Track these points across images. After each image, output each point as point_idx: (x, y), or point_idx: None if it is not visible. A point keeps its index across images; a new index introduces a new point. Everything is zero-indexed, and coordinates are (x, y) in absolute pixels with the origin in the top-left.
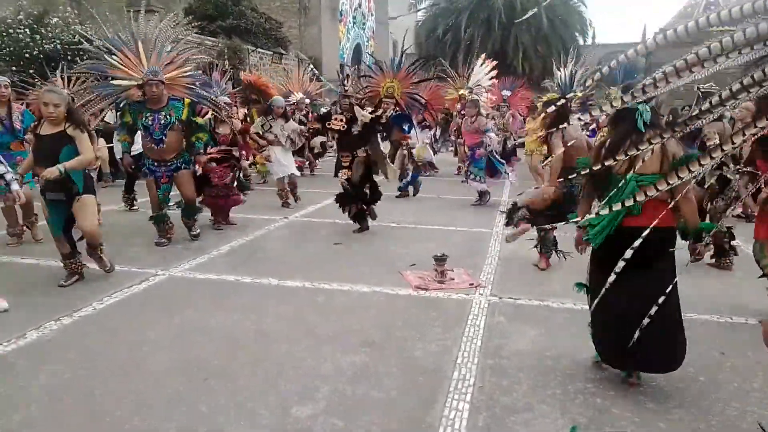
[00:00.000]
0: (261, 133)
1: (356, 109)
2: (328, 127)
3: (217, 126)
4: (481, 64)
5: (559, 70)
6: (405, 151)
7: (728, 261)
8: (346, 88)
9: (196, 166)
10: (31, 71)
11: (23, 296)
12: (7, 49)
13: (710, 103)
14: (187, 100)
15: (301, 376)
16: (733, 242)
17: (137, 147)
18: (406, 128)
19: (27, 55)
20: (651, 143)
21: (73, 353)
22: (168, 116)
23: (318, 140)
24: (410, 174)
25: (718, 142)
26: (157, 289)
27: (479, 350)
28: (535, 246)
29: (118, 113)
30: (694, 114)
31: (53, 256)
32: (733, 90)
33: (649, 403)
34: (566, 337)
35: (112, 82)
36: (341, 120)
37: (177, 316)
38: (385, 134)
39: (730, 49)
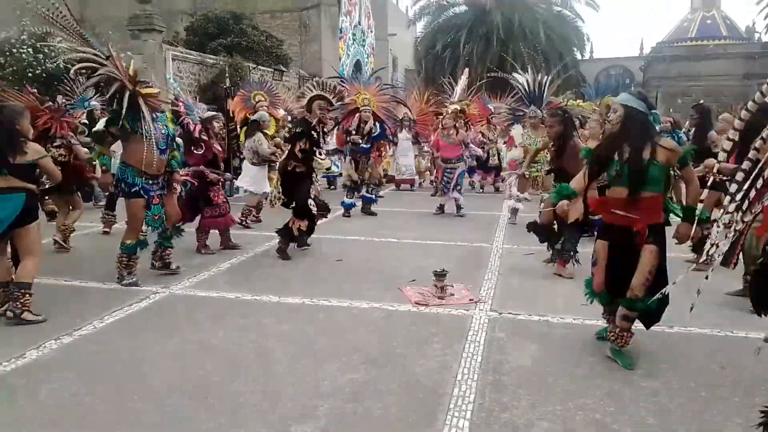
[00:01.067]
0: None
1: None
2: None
3: (212, 141)
4: (463, 79)
5: (521, 75)
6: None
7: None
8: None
9: (176, 185)
10: (34, 90)
11: None
12: (11, 69)
13: None
14: (169, 115)
15: (301, 394)
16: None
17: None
18: (388, 136)
19: (30, 74)
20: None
21: (73, 372)
22: (165, 126)
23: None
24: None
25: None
26: (157, 306)
27: (479, 366)
28: (549, 259)
29: (108, 120)
30: None
31: (53, 274)
32: None
33: (651, 418)
34: (566, 352)
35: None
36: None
37: (177, 334)
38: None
39: None
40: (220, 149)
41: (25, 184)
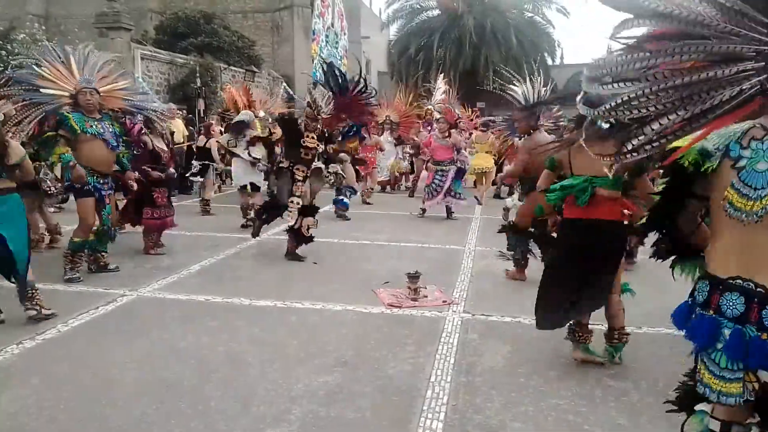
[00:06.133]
0: (227, 149)
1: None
2: (303, 145)
3: (155, 141)
4: (439, 82)
5: (519, 84)
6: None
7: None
8: (321, 108)
9: (132, 183)
10: None
11: None
12: None
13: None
14: (113, 116)
15: (274, 398)
16: None
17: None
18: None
19: None
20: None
21: (37, 378)
22: (112, 125)
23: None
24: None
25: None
26: (125, 310)
27: (452, 368)
28: (508, 258)
29: (57, 122)
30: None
31: None
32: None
33: (621, 419)
34: (538, 353)
35: (43, 91)
36: (313, 138)
37: (145, 337)
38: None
39: None
40: (165, 148)
41: (13, 184)
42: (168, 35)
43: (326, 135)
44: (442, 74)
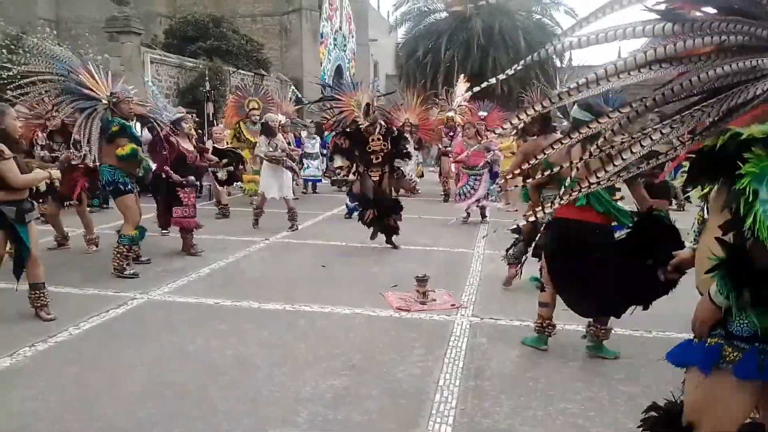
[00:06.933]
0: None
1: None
2: (368, 150)
3: (181, 143)
4: (460, 85)
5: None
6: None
7: None
8: (368, 116)
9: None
10: (8, 91)
11: None
12: None
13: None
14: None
15: (282, 401)
16: None
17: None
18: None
19: (4, 76)
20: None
21: (47, 380)
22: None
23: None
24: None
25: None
26: (135, 313)
27: (461, 372)
28: (504, 258)
29: (110, 125)
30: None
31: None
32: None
33: (630, 422)
34: (547, 357)
35: (87, 92)
36: (380, 139)
37: (155, 340)
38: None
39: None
40: (191, 149)
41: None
42: (177, 39)
43: (392, 132)
44: (463, 75)
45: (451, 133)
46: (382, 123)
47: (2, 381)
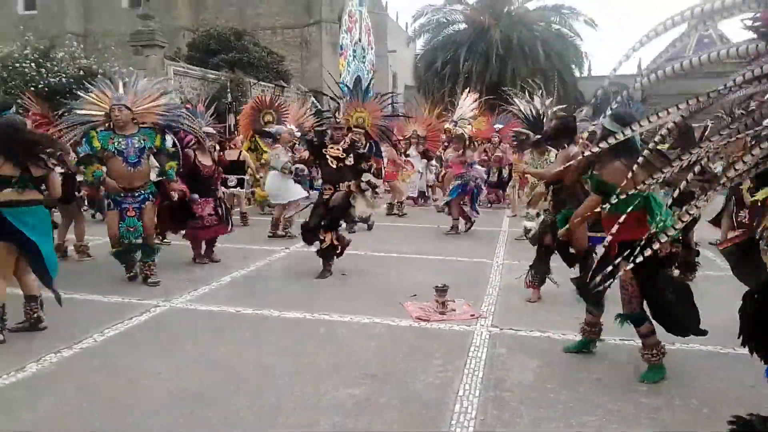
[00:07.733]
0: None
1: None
2: (325, 154)
3: (199, 156)
4: (465, 98)
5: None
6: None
7: (691, 277)
8: (338, 120)
9: (173, 194)
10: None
11: None
12: (13, 83)
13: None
14: (156, 129)
15: (302, 409)
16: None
17: None
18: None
19: (32, 89)
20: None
21: (72, 386)
22: (142, 140)
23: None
24: None
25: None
26: (158, 320)
27: (481, 382)
28: (527, 278)
29: (84, 139)
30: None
31: None
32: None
33: None
34: (568, 368)
35: (77, 111)
36: (338, 149)
37: (178, 348)
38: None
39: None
40: (209, 163)
41: (40, 197)
42: (200, 52)
43: (355, 148)
44: (468, 89)
45: (447, 144)
46: (353, 140)
47: (30, 386)
